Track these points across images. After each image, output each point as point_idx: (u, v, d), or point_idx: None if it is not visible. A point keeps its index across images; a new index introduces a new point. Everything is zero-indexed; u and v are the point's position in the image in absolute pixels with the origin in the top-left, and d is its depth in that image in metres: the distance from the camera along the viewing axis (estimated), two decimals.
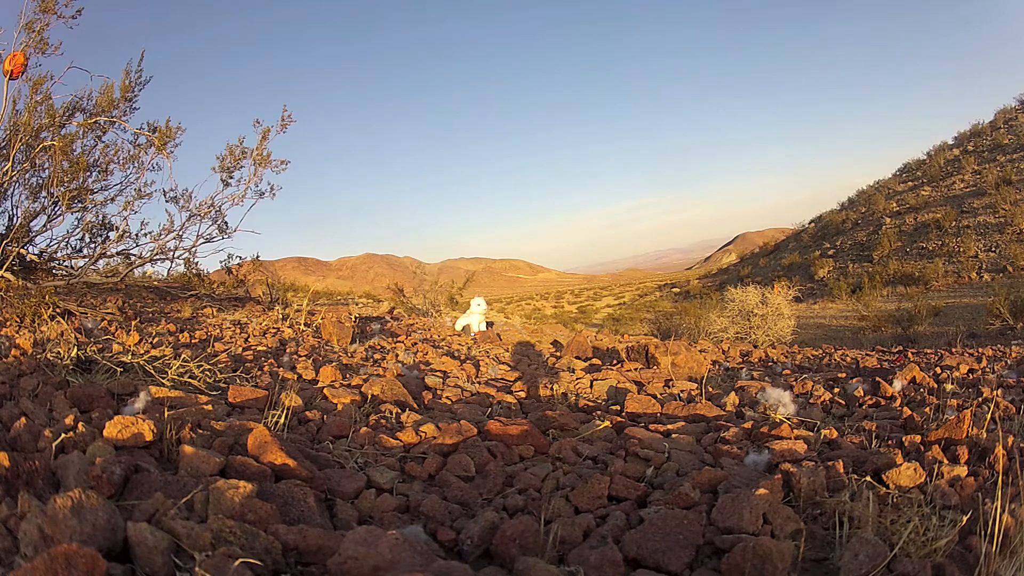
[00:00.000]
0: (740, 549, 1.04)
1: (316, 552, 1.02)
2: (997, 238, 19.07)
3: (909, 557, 1.06)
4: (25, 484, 1.08)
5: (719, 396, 2.87)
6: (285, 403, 2.03)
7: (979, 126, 28.86)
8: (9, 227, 3.95)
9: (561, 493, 1.48)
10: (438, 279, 11.88)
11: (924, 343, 9.13)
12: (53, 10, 3.94)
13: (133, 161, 4.50)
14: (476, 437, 1.88)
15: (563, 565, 1.11)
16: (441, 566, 0.98)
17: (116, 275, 4.40)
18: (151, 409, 1.72)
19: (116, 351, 2.59)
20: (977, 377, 3.26)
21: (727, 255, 53.65)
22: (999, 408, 2.17)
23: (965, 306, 13.57)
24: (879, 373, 3.41)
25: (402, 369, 3.26)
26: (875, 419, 2.18)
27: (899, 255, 21.76)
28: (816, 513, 1.32)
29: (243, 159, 4.64)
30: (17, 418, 1.52)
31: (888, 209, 26.61)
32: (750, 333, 10.65)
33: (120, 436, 1.38)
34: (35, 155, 3.88)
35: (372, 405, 2.34)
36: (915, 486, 1.43)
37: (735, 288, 11.96)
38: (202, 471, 1.32)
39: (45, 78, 3.97)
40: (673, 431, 2.14)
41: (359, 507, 1.39)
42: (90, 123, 4.22)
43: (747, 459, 1.66)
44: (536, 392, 2.95)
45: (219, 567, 0.87)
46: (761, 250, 41.23)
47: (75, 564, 0.77)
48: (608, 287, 55.65)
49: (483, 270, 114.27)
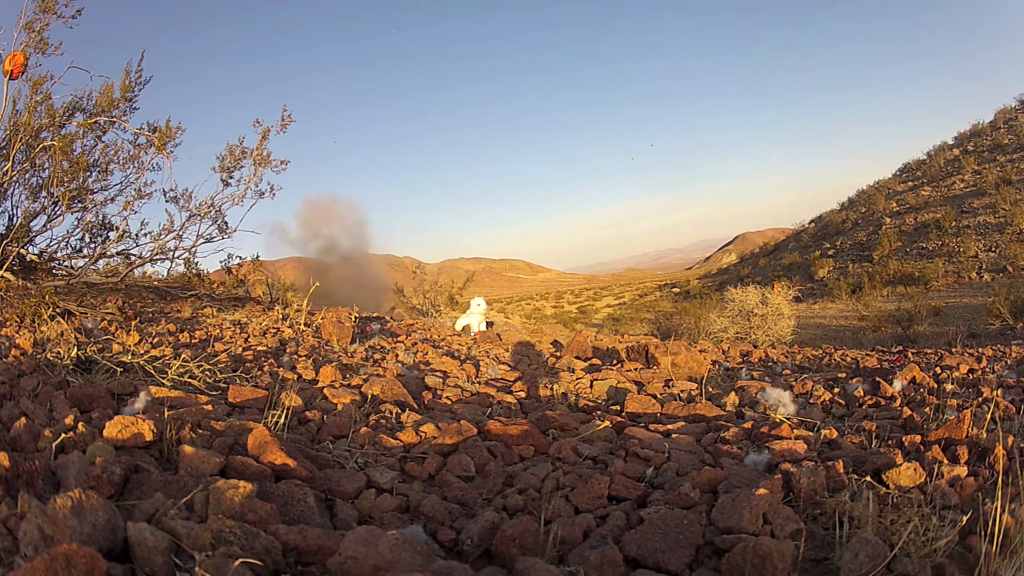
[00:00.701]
0: (740, 549, 1.04)
1: (316, 552, 1.02)
2: (997, 238, 19.07)
3: (909, 557, 1.07)
4: (25, 484, 1.08)
5: (719, 396, 2.87)
6: (285, 403, 2.02)
7: (979, 126, 28.86)
8: (9, 227, 3.95)
9: (561, 493, 1.48)
10: (438, 279, 11.89)
11: (924, 343, 9.13)
12: (53, 10, 3.94)
13: (133, 161, 4.49)
14: (476, 437, 1.88)
15: (563, 565, 1.11)
16: (441, 566, 0.98)
17: (116, 275, 4.40)
18: (151, 409, 1.72)
19: (116, 351, 2.59)
20: (977, 377, 3.26)
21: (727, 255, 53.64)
22: (999, 408, 2.17)
23: (965, 306, 13.57)
24: (879, 373, 3.41)
25: (402, 369, 3.26)
26: (875, 419, 2.18)
27: (899, 255, 21.76)
28: (816, 513, 1.32)
29: (243, 159, 4.64)
30: (17, 418, 1.52)
31: (888, 209, 26.61)
32: (750, 333, 10.66)
33: (120, 436, 1.38)
34: (35, 155, 3.88)
35: (372, 405, 2.34)
36: (915, 486, 1.43)
37: (735, 288, 11.97)
38: (202, 471, 1.32)
39: (45, 78, 3.97)
40: (673, 431, 2.14)
41: (359, 507, 1.39)
42: (90, 123, 4.22)
43: (747, 459, 1.66)
44: (536, 392, 2.95)
45: (219, 567, 0.87)
46: (761, 250, 41.23)
47: (75, 564, 0.77)
48: (608, 287, 55.67)
49: (483, 270, 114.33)
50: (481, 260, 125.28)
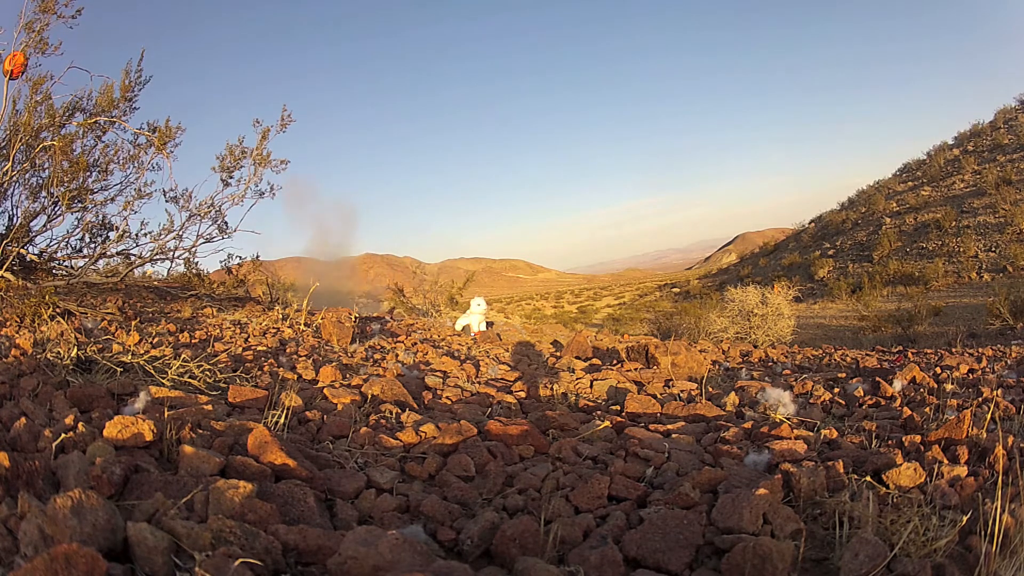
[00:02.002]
0: (740, 549, 1.04)
1: (316, 552, 1.02)
2: (997, 238, 19.07)
3: (909, 557, 1.07)
4: (25, 484, 1.08)
5: (719, 396, 2.86)
6: (285, 403, 2.02)
7: (979, 126, 28.86)
8: (9, 227, 3.95)
9: (561, 493, 1.48)
10: (438, 279, 11.89)
11: (924, 343, 9.13)
12: (53, 10, 3.94)
13: (133, 161, 4.50)
14: (476, 437, 1.88)
15: (563, 565, 1.11)
16: (441, 566, 0.98)
17: (116, 275, 4.40)
18: (151, 409, 1.72)
19: (116, 351, 2.59)
20: (977, 377, 3.26)
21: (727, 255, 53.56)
22: (999, 408, 2.17)
23: (965, 306, 13.57)
24: (879, 373, 3.41)
25: (402, 369, 3.26)
26: (875, 419, 2.18)
27: (899, 255, 21.76)
28: (816, 513, 1.32)
29: (243, 159, 4.64)
30: (17, 418, 1.52)
31: (888, 209, 26.61)
32: (750, 333, 10.65)
33: (120, 436, 1.38)
34: (35, 155, 3.88)
35: (372, 405, 2.34)
36: (915, 486, 1.43)
37: (735, 288, 11.97)
38: (202, 471, 1.32)
39: (45, 78, 3.97)
40: (673, 431, 2.14)
41: (359, 507, 1.39)
42: (90, 123, 4.22)
43: (747, 459, 1.65)
44: (536, 392, 2.95)
45: (219, 567, 0.87)
46: (761, 250, 41.22)
47: (75, 564, 0.77)
48: (608, 287, 55.62)
49: (483, 270, 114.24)
50: (481, 260, 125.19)
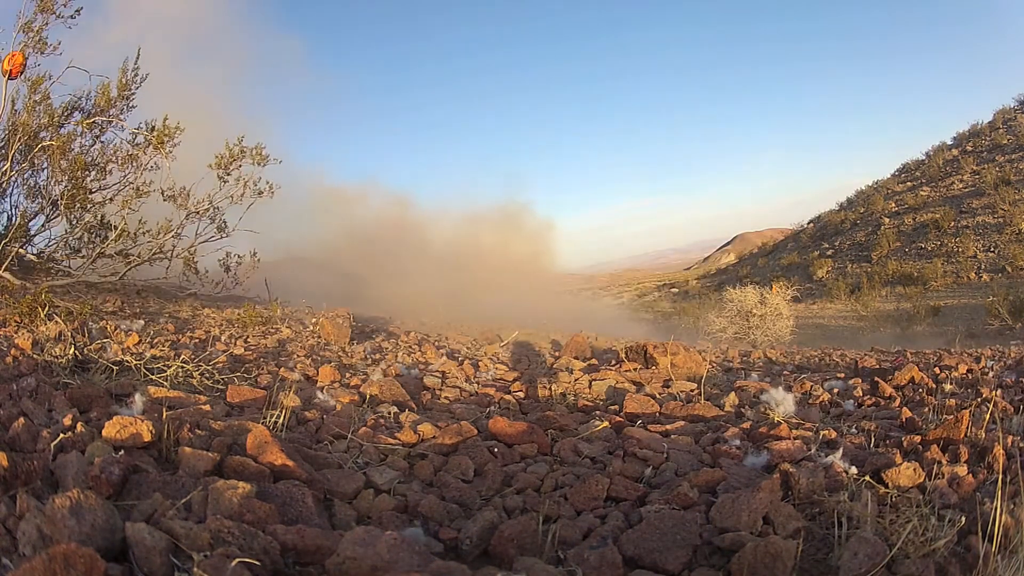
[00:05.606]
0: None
1: (314, 552, 1.02)
2: (996, 238, 19.10)
3: (908, 557, 1.07)
4: (24, 484, 1.08)
5: (718, 396, 2.86)
6: (284, 403, 2.02)
7: (978, 126, 28.87)
8: (8, 227, 3.94)
9: (560, 493, 1.48)
10: None
11: (923, 343, 9.14)
12: (52, 10, 3.94)
13: (131, 161, 4.49)
14: (475, 437, 1.88)
15: (562, 565, 1.11)
16: (439, 566, 0.98)
17: (115, 275, 4.40)
18: (150, 409, 1.72)
19: (115, 351, 2.58)
20: (976, 377, 3.26)
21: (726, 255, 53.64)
22: (998, 408, 2.17)
23: (964, 306, 13.60)
24: (878, 373, 3.41)
25: (401, 369, 3.26)
26: (874, 419, 2.18)
27: (898, 255, 21.77)
28: (815, 513, 1.32)
29: (241, 158, 4.64)
30: (16, 418, 1.51)
31: (887, 209, 26.63)
32: (749, 333, 10.66)
33: (119, 436, 1.38)
34: (34, 155, 3.88)
35: (371, 405, 2.34)
36: (914, 486, 1.43)
37: (734, 288, 11.98)
38: (201, 471, 1.32)
39: (44, 78, 3.97)
40: (672, 431, 2.14)
41: (357, 507, 1.38)
42: (88, 123, 4.22)
43: (746, 459, 1.65)
44: (535, 392, 2.95)
45: (217, 567, 0.87)
46: (760, 250, 41.23)
47: (74, 564, 0.77)
48: (607, 287, 55.67)
49: None
50: None
